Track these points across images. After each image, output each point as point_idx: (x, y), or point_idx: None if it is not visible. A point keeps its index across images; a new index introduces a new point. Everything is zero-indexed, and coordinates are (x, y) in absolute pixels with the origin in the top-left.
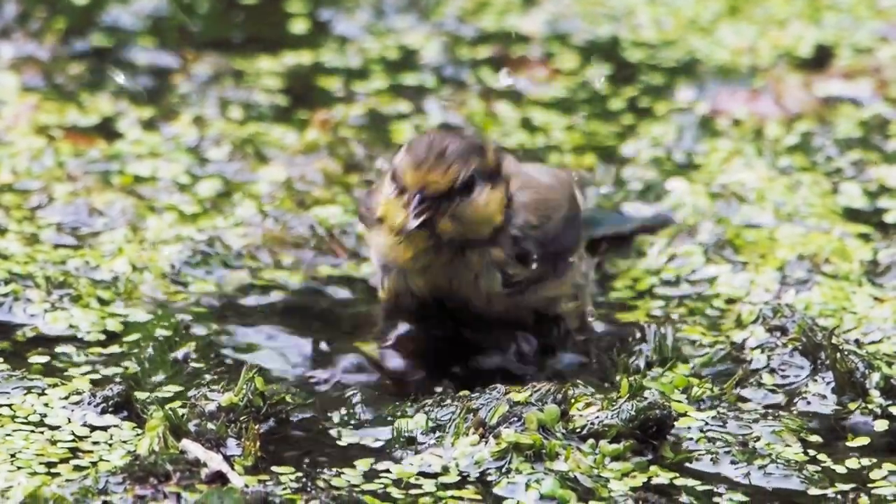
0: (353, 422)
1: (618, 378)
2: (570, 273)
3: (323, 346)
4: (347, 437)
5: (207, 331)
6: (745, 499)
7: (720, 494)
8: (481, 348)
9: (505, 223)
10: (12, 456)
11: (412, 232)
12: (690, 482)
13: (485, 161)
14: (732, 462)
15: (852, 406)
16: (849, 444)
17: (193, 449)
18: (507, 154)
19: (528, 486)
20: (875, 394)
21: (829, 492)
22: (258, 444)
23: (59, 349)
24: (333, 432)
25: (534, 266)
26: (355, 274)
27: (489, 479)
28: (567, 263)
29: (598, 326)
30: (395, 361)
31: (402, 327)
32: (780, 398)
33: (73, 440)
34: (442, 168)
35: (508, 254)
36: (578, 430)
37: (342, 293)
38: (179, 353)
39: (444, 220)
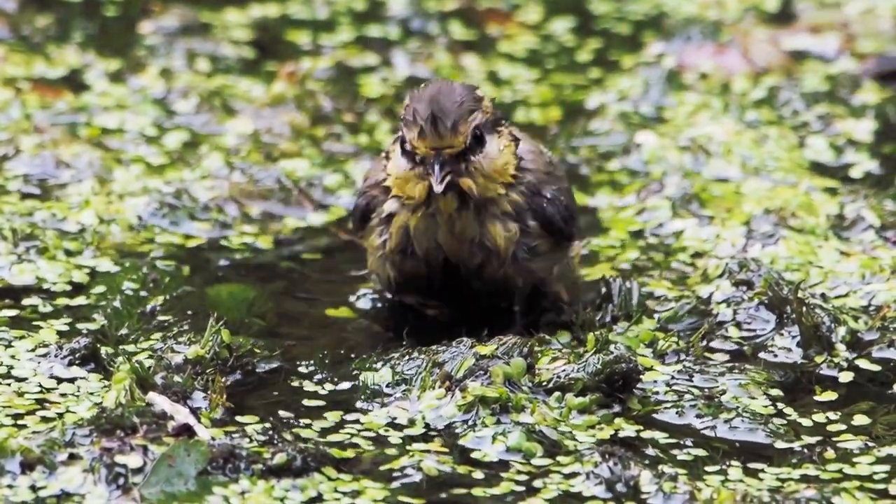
0: (319, 375)
1: (584, 333)
2: (568, 254)
3: (289, 301)
4: (314, 391)
5: (174, 283)
6: (710, 452)
7: (686, 447)
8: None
9: (517, 171)
10: None
11: (440, 196)
12: (656, 435)
13: (485, 110)
14: (698, 415)
15: (818, 359)
16: (814, 397)
17: (160, 401)
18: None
19: (494, 438)
20: (841, 347)
21: (795, 445)
22: (224, 396)
23: (25, 301)
24: (300, 385)
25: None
26: (320, 225)
27: (456, 431)
28: (569, 243)
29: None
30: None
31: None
32: (745, 352)
33: (40, 392)
34: (449, 128)
35: (526, 202)
36: (545, 383)
37: (308, 248)
38: (146, 306)
39: (465, 178)
